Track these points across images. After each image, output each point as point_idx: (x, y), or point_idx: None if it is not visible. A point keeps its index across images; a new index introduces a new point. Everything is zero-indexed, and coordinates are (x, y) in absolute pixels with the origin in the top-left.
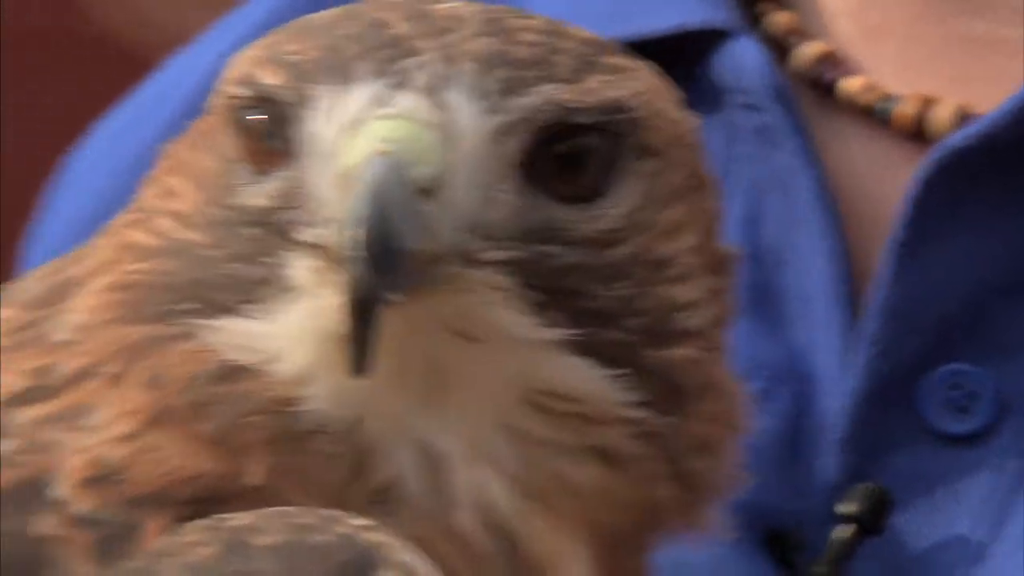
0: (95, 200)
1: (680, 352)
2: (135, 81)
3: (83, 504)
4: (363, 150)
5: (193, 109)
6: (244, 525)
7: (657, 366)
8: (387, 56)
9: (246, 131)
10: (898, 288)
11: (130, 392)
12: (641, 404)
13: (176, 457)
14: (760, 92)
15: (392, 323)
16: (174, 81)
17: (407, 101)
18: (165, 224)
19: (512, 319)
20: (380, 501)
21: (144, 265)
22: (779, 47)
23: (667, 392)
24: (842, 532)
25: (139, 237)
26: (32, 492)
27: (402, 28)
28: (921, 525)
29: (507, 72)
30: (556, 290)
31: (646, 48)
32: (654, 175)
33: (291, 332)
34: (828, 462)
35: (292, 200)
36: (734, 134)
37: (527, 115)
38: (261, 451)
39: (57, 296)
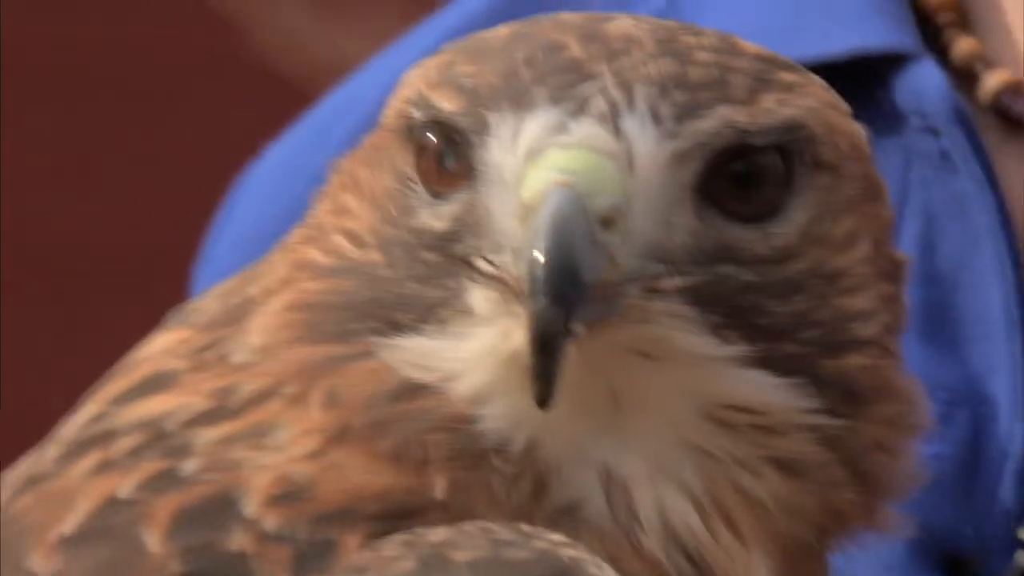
0: (270, 220)
1: (855, 360)
2: (291, 108)
3: (272, 521)
4: (543, 181)
5: (372, 126)
6: (442, 540)
7: (833, 374)
8: (563, 82)
9: (422, 152)
10: None
11: (311, 411)
12: (819, 411)
13: (360, 473)
14: (941, 116)
15: (574, 354)
16: (353, 98)
17: (585, 129)
18: (339, 242)
19: (691, 340)
20: (564, 521)
21: (320, 284)
22: (962, 74)
23: (844, 397)
24: (1021, 557)
25: (314, 255)
26: (220, 508)
27: (576, 51)
28: None
29: (682, 95)
30: (733, 308)
31: (824, 68)
32: (828, 188)
33: (470, 355)
34: (1008, 488)
35: (470, 225)
36: (911, 158)
37: (704, 139)
38: (442, 467)
39: (235, 317)
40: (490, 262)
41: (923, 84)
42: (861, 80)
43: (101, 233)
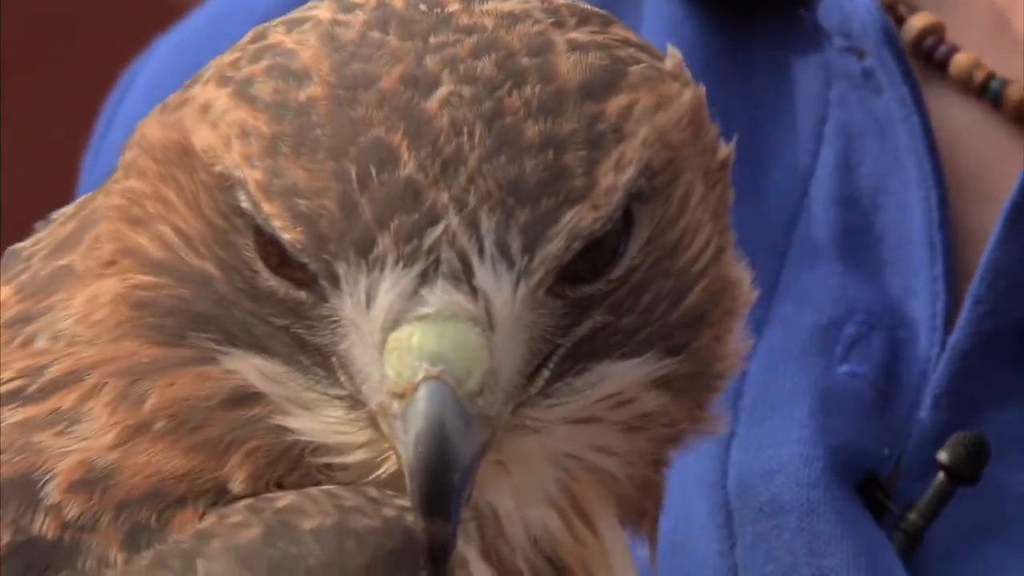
0: None
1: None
2: None
3: (74, 508)
4: (411, 371)
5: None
6: (288, 505)
7: (677, 320)
8: (409, 227)
9: (259, 235)
10: (1007, 249)
11: (113, 404)
12: (666, 364)
13: (163, 460)
14: (869, 37)
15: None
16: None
17: (442, 299)
18: (169, 237)
19: (561, 418)
20: None
21: (152, 279)
22: (888, 14)
23: (687, 327)
24: (938, 480)
25: (142, 243)
26: (22, 491)
27: (410, 164)
28: (1015, 479)
29: (525, 213)
30: (590, 352)
31: None
32: (663, 199)
33: (327, 431)
34: (924, 411)
35: (324, 328)
36: (831, 77)
37: (553, 263)
38: (260, 464)
39: (54, 285)
40: (353, 385)
41: (850, 4)
42: None
43: None
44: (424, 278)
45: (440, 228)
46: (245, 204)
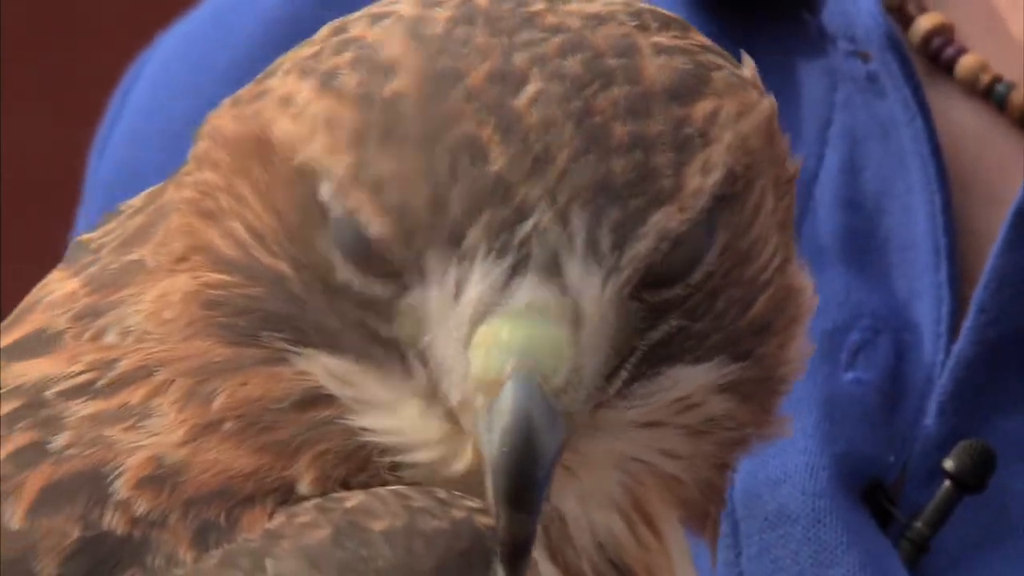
0: (175, 116)
1: (762, 301)
2: None
3: (143, 504)
4: (498, 365)
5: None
6: (357, 506)
7: (745, 327)
8: (499, 221)
9: (339, 236)
10: (1012, 256)
11: (186, 404)
12: (733, 370)
13: (232, 458)
14: (872, 41)
15: None
16: None
17: (532, 293)
18: (240, 233)
19: (634, 423)
20: None
21: (224, 278)
22: (894, 14)
23: (754, 334)
24: (944, 488)
25: (214, 238)
26: (90, 486)
27: (499, 159)
28: (1020, 487)
29: (615, 211)
30: (662, 357)
31: None
32: (739, 206)
33: (401, 425)
34: (932, 417)
35: (404, 322)
36: (836, 80)
37: (641, 263)
38: (329, 466)
39: (124, 280)
40: (431, 380)
41: (854, 8)
42: (788, 1)
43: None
44: (514, 271)
45: (531, 223)
46: (326, 196)
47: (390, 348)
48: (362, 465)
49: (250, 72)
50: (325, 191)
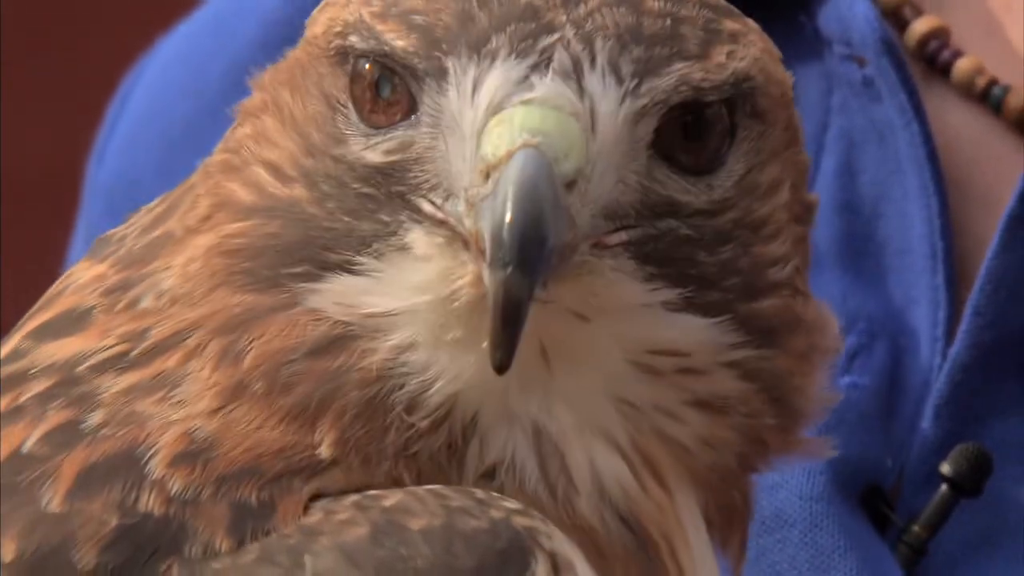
0: (176, 119)
1: (770, 302)
2: None
3: (178, 483)
4: (509, 140)
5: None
6: (395, 505)
7: (750, 315)
8: (524, 32)
9: (356, 79)
10: (1007, 258)
11: (211, 365)
12: (739, 346)
13: (261, 431)
14: (868, 46)
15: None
16: None
17: (550, 86)
18: (260, 175)
19: (629, 291)
20: (489, 485)
21: (244, 226)
22: (890, 17)
23: (761, 334)
24: (941, 492)
25: (236, 191)
26: (126, 467)
27: None
28: (1016, 490)
29: (640, 51)
30: (667, 260)
31: None
32: (760, 137)
33: (404, 297)
34: (926, 422)
35: (411, 163)
36: (833, 84)
37: (661, 97)
38: (343, 424)
39: (153, 253)
40: (436, 205)
41: (850, 13)
42: (784, 4)
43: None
44: (534, 69)
45: (555, 36)
46: (355, 41)
47: (400, 202)
48: (380, 419)
49: (250, 74)
50: (355, 39)
